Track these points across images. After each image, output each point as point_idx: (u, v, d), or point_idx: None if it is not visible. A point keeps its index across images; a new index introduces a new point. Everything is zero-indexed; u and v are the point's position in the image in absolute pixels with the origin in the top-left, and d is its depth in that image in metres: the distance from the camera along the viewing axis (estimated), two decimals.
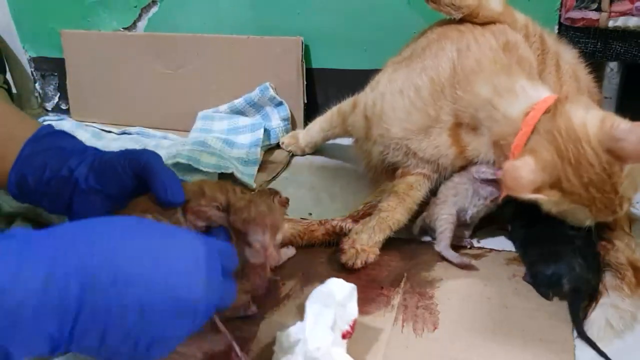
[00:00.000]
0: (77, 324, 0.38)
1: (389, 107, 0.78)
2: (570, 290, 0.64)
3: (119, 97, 1.28)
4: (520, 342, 0.60)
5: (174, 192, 0.51)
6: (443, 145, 0.74)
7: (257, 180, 0.98)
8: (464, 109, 0.71)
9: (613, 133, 0.59)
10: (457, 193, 0.74)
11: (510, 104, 0.67)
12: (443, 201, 0.75)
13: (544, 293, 0.66)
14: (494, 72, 0.70)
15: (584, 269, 0.64)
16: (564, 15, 0.93)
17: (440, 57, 0.74)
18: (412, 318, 0.64)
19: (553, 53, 0.82)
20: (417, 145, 0.76)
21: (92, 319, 0.39)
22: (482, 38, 0.75)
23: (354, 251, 0.72)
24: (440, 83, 0.73)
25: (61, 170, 0.55)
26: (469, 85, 0.71)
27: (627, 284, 0.63)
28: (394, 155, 0.80)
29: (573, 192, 0.61)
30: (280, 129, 1.11)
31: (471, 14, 0.78)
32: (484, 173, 0.73)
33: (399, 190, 0.78)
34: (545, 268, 0.66)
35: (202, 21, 1.19)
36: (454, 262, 0.72)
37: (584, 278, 0.64)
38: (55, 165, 0.56)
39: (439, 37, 0.78)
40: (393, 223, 0.75)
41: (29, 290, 0.36)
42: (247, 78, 1.14)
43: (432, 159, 0.76)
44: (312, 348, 0.51)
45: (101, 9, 1.26)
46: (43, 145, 0.57)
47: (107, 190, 0.55)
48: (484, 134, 0.70)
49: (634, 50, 0.92)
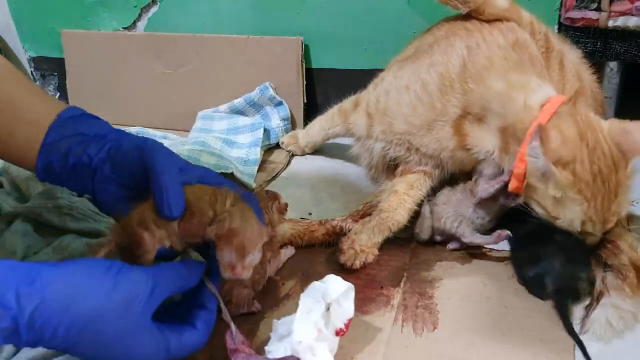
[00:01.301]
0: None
1: (394, 103, 0.78)
2: (555, 290, 0.64)
3: (119, 97, 1.28)
4: (520, 342, 0.60)
5: (171, 207, 0.51)
6: (445, 138, 0.75)
7: (257, 180, 0.98)
8: (476, 100, 0.71)
9: (623, 126, 0.63)
10: (457, 209, 0.75)
11: (529, 95, 0.68)
12: (445, 202, 0.76)
13: (536, 294, 0.66)
14: (507, 69, 0.71)
15: (566, 266, 0.64)
16: (564, 15, 0.93)
17: (450, 54, 0.74)
18: (412, 318, 0.64)
19: (557, 52, 0.82)
20: (420, 140, 0.76)
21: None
22: (490, 37, 0.75)
23: (353, 252, 0.72)
24: (450, 78, 0.73)
25: (82, 157, 0.56)
26: (481, 79, 0.71)
27: (629, 285, 0.63)
28: (396, 151, 0.80)
29: (582, 178, 0.62)
30: (280, 129, 1.11)
31: (477, 10, 0.78)
32: (486, 190, 0.72)
33: (399, 190, 0.78)
34: (528, 270, 0.67)
35: (202, 21, 1.19)
36: (490, 242, 0.73)
37: (567, 275, 0.64)
38: (78, 151, 0.57)
39: (447, 35, 0.79)
40: (393, 224, 0.75)
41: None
42: (247, 78, 1.14)
43: (434, 154, 0.76)
44: (296, 341, 0.52)
45: (101, 9, 1.26)
46: (66, 131, 0.58)
47: (122, 180, 0.56)
48: (491, 124, 0.70)
49: (634, 50, 0.92)
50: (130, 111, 1.27)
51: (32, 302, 0.41)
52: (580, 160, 0.62)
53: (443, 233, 0.75)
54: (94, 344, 0.44)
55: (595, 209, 0.63)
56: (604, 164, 0.62)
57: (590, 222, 0.64)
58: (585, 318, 0.62)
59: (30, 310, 0.41)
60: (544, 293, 0.65)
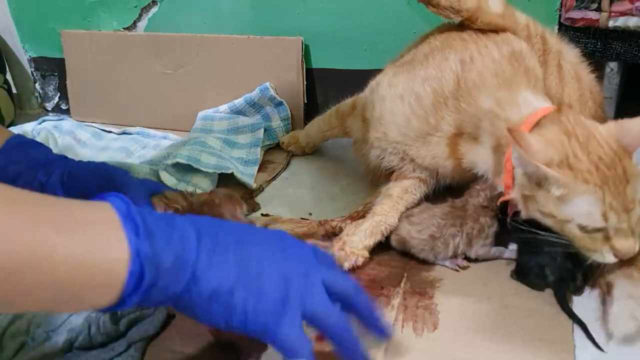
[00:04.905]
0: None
1: (388, 111, 0.78)
2: (555, 280, 0.65)
3: (119, 97, 1.28)
4: (520, 342, 0.60)
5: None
6: (440, 157, 0.75)
7: (257, 180, 0.98)
8: (468, 119, 0.71)
9: (619, 123, 0.62)
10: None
11: (513, 113, 0.66)
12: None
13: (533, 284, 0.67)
14: (496, 86, 0.70)
15: (566, 259, 0.65)
16: (564, 15, 0.93)
17: (443, 69, 0.74)
18: (412, 318, 0.64)
19: (555, 53, 0.82)
20: (416, 152, 0.76)
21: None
22: (485, 49, 0.74)
23: (343, 253, 0.72)
24: (444, 95, 0.73)
25: (33, 183, 0.57)
26: (471, 99, 0.71)
27: (637, 268, 0.62)
28: (389, 160, 0.80)
29: (583, 169, 0.59)
30: (281, 129, 1.11)
31: (471, 18, 0.77)
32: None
33: (393, 194, 0.78)
34: (529, 260, 0.67)
35: (202, 21, 1.20)
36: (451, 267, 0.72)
37: (567, 267, 0.65)
38: (27, 176, 0.58)
39: (442, 46, 0.77)
40: (385, 228, 0.75)
41: None
42: (247, 78, 1.14)
43: (430, 167, 0.76)
44: None
45: (101, 9, 1.26)
46: (14, 156, 0.59)
47: None
48: (484, 143, 0.70)
49: (634, 50, 0.92)
50: (130, 111, 1.27)
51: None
52: (572, 155, 0.59)
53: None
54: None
55: (611, 194, 0.58)
56: (602, 152, 0.59)
57: (612, 211, 0.58)
58: (604, 314, 0.61)
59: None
60: (543, 282, 0.66)
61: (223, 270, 0.44)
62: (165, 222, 0.44)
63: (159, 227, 0.43)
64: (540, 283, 0.66)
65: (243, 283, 0.45)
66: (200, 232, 0.45)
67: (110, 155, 1.11)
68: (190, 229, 0.45)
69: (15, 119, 1.34)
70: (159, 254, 0.41)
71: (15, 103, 1.37)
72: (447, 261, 0.72)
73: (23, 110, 1.44)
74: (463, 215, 0.72)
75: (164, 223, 0.44)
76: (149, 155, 1.03)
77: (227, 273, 0.44)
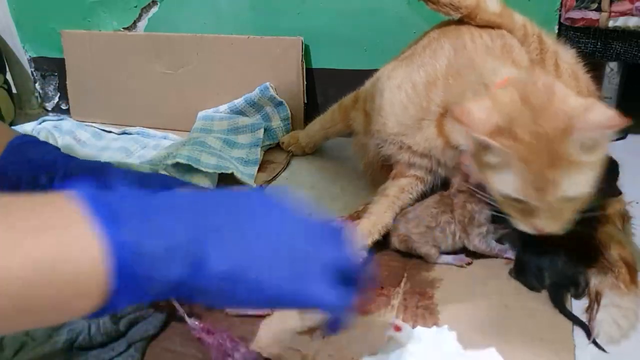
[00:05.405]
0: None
1: (387, 103, 0.79)
2: (551, 283, 0.65)
3: (119, 97, 1.28)
4: (520, 341, 0.60)
5: None
6: (432, 137, 0.75)
7: (257, 180, 0.98)
8: (455, 93, 0.72)
9: (592, 105, 0.57)
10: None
11: (490, 76, 0.67)
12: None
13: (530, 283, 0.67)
14: (485, 61, 0.71)
15: (566, 265, 0.65)
16: (564, 15, 0.93)
17: (438, 55, 0.76)
18: (412, 318, 0.64)
19: (552, 53, 0.82)
20: (412, 140, 0.77)
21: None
22: (479, 39, 0.76)
23: None
24: (435, 76, 0.74)
25: (35, 187, 0.57)
26: (459, 76, 0.72)
27: (623, 281, 0.64)
28: (388, 149, 0.80)
29: (524, 139, 0.56)
30: (281, 129, 1.11)
31: (469, 15, 0.78)
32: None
33: (390, 193, 0.78)
34: (530, 260, 0.67)
35: (202, 21, 1.19)
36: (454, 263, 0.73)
37: (566, 274, 0.65)
38: (27, 178, 0.57)
39: (439, 36, 0.80)
40: (382, 227, 0.75)
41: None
42: (247, 78, 1.14)
43: (425, 152, 0.77)
44: None
45: (101, 9, 1.26)
46: (15, 157, 0.58)
47: None
48: None
49: (634, 50, 0.92)
50: (130, 111, 1.27)
51: None
52: (521, 123, 0.57)
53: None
54: None
55: (533, 173, 0.56)
56: (551, 127, 0.56)
57: (531, 188, 0.57)
58: (590, 321, 0.62)
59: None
60: (539, 284, 0.66)
61: (230, 250, 0.39)
62: (146, 201, 0.38)
63: (139, 210, 0.37)
64: (537, 285, 0.67)
65: (256, 256, 0.40)
66: (193, 208, 0.40)
67: (110, 155, 1.11)
68: (180, 205, 0.39)
69: (15, 119, 1.34)
70: (142, 241, 0.35)
71: (15, 103, 1.37)
72: (451, 257, 0.73)
73: (23, 110, 1.44)
74: (451, 203, 0.74)
75: (145, 203, 0.38)
76: (149, 155, 1.03)
77: (234, 251, 0.39)
